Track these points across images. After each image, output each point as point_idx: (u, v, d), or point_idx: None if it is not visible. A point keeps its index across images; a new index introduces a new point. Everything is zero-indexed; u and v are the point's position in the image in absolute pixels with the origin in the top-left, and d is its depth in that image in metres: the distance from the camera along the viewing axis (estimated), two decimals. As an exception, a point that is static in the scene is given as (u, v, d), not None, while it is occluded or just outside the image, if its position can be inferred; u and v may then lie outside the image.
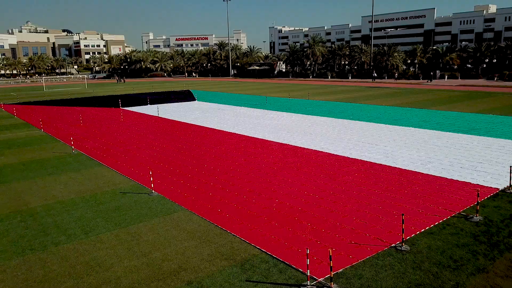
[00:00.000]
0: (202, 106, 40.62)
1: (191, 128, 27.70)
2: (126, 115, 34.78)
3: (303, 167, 16.84)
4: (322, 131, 24.86)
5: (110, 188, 14.93)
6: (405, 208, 11.99)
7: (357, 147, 20.16)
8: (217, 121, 30.48)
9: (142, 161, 18.67)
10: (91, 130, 27.58)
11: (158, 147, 21.62)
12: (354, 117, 30.34)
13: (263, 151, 20.01)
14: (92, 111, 38.06)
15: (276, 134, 24.47)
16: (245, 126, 27.81)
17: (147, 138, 24.27)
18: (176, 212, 12.34)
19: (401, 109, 34.37)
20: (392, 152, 18.90)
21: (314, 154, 19.07)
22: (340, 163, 17.33)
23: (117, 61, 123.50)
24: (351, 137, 22.69)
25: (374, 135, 23.22)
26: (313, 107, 37.11)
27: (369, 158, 18.01)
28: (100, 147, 21.91)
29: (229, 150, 20.35)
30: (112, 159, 19.23)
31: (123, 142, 23.24)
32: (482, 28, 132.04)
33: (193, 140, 23.33)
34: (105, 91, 64.00)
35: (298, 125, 27.37)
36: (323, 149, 20.05)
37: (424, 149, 19.41)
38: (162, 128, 27.65)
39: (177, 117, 32.97)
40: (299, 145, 21.18)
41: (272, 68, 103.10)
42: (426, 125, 26.02)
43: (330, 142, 21.64)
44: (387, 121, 27.84)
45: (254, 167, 17.04)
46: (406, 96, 45.45)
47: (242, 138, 23.59)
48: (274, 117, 31.73)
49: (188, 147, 21.43)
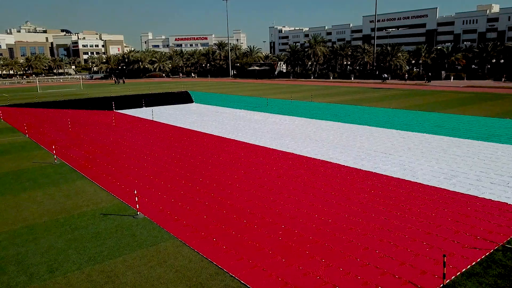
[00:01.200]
0: (200, 109, 38.65)
1: (186, 133, 25.73)
2: (119, 119, 32.82)
3: (311, 181, 14.89)
4: (328, 138, 22.89)
5: (90, 207, 12.97)
6: (437, 238, 10.03)
7: (369, 157, 18.20)
8: (215, 125, 28.52)
9: (131, 173, 16.71)
10: (79, 136, 25.61)
11: (149, 156, 19.66)
12: (362, 121, 28.39)
13: (265, 161, 18.05)
14: (84, 114, 36.09)
15: (279, 141, 22.51)
16: (245, 131, 25.86)
17: (138, 145, 22.31)
18: (163, 241, 10.39)
19: (411, 112, 32.40)
20: (409, 163, 16.94)
21: (322, 165, 17.12)
22: (353, 176, 15.37)
23: (115, 61, 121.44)
24: (362, 145, 20.72)
25: (386, 142, 21.26)
26: (317, 110, 35.16)
27: (385, 170, 16.06)
28: (86, 156, 19.95)
29: (228, 160, 18.39)
30: (97, 170, 17.27)
31: (112, 150, 21.28)
32: (485, 28, 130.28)
33: (188, 148, 21.36)
34: (101, 92, 62.02)
35: (302, 131, 25.41)
36: (332, 159, 18.09)
37: (444, 159, 17.46)
38: (156, 134, 25.69)
39: (172, 121, 30.99)
40: (304, 154, 19.22)
41: (273, 68, 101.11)
42: (441, 130, 24.07)
43: (339, 150, 19.68)
44: (398, 126, 25.88)
45: (256, 181, 15.08)
46: (413, 98, 43.49)
47: (242, 145, 21.64)
48: (276, 121, 29.77)
49: (182, 156, 19.46)
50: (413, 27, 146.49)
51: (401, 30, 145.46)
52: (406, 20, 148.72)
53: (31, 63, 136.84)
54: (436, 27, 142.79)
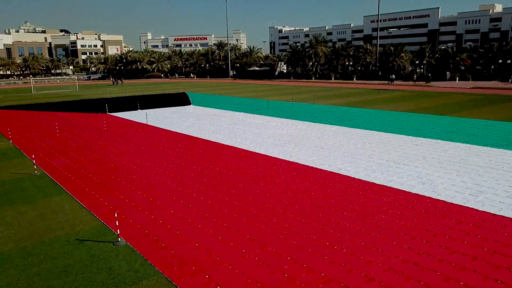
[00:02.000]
0: (197, 112, 36.91)
1: (182, 139, 23.99)
2: (111, 123, 31.08)
3: (319, 198, 13.15)
4: (335, 145, 21.14)
5: (65, 231, 11.23)
6: (475, 277, 8.29)
7: (382, 168, 16.46)
8: (212, 130, 26.78)
9: (117, 186, 14.97)
10: (66, 142, 23.87)
11: (139, 166, 17.92)
12: (369, 125, 26.65)
13: (266, 172, 16.31)
14: (75, 117, 34.34)
15: (281, 148, 20.77)
16: (244, 137, 24.12)
17: (128, 153, 20.57)
18: (146, 278, 8.65)
19: (420, 116, 30.65)
20: (427, 176, 15.19)
21: (330, 178, 15.37)
22: (366, 192, 13.63)
23: (113, 62, 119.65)
24: (372, 153, 18.98)
25: (398, 150, 19.51)
26: (320, 113, 33.41)
27: (401, 184, 14.31)
28: (70, 166, 18.21)
29: (225, 171, 16.65)
30: (80, 183, 15.53)
31: (100, 159, 19.54)
32: (488, 28, 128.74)
33: (182, 156, 19.61)
34: (97, 93, 60.29)
35: (306, 136, 23.67)
36: (341, 170, 16.34)
37: (465, 171, 15.71)
38: (149, 140, 23.95)
39: (167, 125, 29.25)
40: (310, 163, 17.47)
41: (273, 68, 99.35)
42: (456, 136, 22.33)
43: (348, 160, 17.92)
44: (409, 131, 24.13)
45: (257, 198, 13.34)
46: (420, 100, 41.76)
47: (241, 153, 19.89)
48: (278, 125, 28.03)
49: (175, 166, 17.72)
50: (414, 27, 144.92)
51: (403, 30, 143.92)
52: (408, 20, 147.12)
53: (28, 63, 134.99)
54: (438, 27, 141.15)
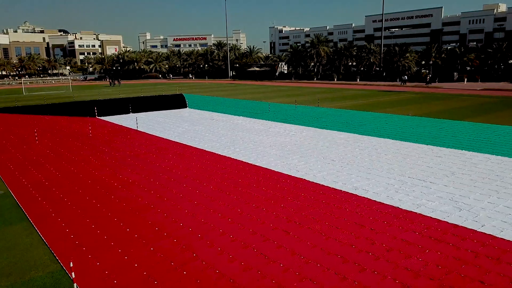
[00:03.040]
0: (193, 116, 34.38)
1: (173, 148, 21.47)
2: (98, 128, 28.56)
3: (333, 229, 10.63)
4: (346, 155, 18.61)
5: (11, 279, 8.71)
6: None
7: (406, 187, 13.93)
8: (208, 137, 24.26)
9: (90, 211, 12.45)
10: (44, 151, 21.35)
11: (121, 182, 15.39)
12: (382, 132, 24.14)
13: (269, 193, 13.78)
14: (61, 122, 31.81)
15: (285, 160, 18.24)
16: (243, 145, 21.60)
17: (112, 165, 18.05)
18: None
19: (435, 121, 28.12)
20: (462, 199, 12.66)
21: (345, 200, 12.85)
22: (392, 222, 11.10)
23: (110, 62, 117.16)
24: (390, 167, 16.45)
25: (420, 163, 16.98)
26: (326, 118, 30.90)
27: (433, 210, 11.79)
28: (41, 182, 15.69)
29: (220, 190, 14.12)
30: (47, 207, 13.01)
31: (78, 172, 17.02)
32: (492, 28, 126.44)
33: (172, 169, 17.09)
34: (90, 95, 57.79)
35: (312, 145, 21.15)
36: (357, 189, 13.81)
37: (507, 192, 13.18)
38: (137, 149, 21.43)
39: (159, 131, 26.74)
40: (320, 181, 14.94)
41: (273, 69, 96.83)
42: (482, 146, 19.80)
43: (364, 176, 15.39)
44: (427, 140, 21.61)
45: (257, 230, 10.81)
46: (430, 103, 39.26)
47: (239, 166, 17.37)
48: (280, 131, 25.53)
49: (162, 183, 15.19)
50: (417, 27, 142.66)
51: (405, 30, 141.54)
52: (410, 20, 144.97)
53: (24, 63, 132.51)
54: (441, 27, 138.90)
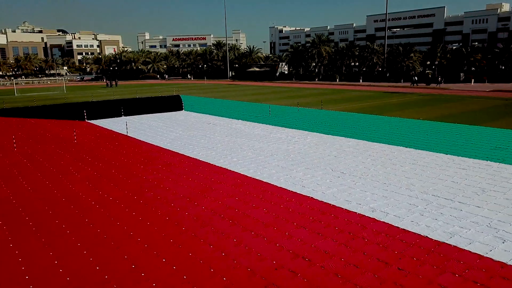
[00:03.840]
0: (189, 119, 32.21)
1: (164, 157, 19.30)
2: (85, 133, 26.41)
3: (351, 269, 8.46)
4: (357, 167, 16.45)
5: None
6: None
7: (432, 209, 11.74)
8: (203, 144, 22.10)
9: (57, 241, 10.29)
10: (21, 160, 19.19)
11: (99, 200, 13.23)
12: (394, 139, 21.97)
13: (272, 214, 11.62)
14: (47, 126, 29.66)
15: (288, 172, 16.07)
16: (242, 154, 19.44)
17: (92, 178, 15.89)
18: None
19: (450, 126, 25.95)
20: (504, 226, 10.41)
21: (363, 226, 10.68)
22: (421, 257, 8.91)
23: (107, 62, 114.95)
24: (411, 184, 14.26)
25: (443, 178, 14.79)
26: (331, 122, 28.75)
27: (470, 241, 9.58)
28: (8, 200, 13.52)
29: (213, 212, 11.96)
30: (6, 235, 10.85)
31: (52, 187, 14.86)
32: (496, 28, 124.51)
33: (159, 184, 14.92)
34: (84, 96, 55.63)
35: (318, 154, 18.98)
36: (374, 211, 11.64)
37: (555, 216, 11.04)
38: (123, 158, 19.27)
39: (151, 137, 24.59)
40: (330, 199, 12.77)
41: (274, 69, 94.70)
42: (508, 156, 17.61)
43: (381, 194, 13.21)
44: (446, 148, 19.42)
45: (257, 267, 8.65)
46: (440, 106, 37.13)
47: (237, 180, 15.20)
48: (282, 137, 23.38)
49: (146, 202, 13.01)
50: (419, 26, 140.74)
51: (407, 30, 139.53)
52: (412, 20, 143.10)
53: (20, 63, 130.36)
54: (443, 26, 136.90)
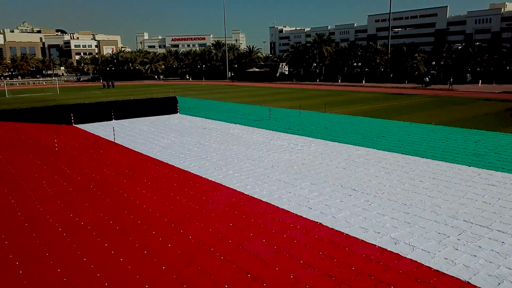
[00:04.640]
0: (183, 123, 30.14)
1: (150, 169, 17.22)
2: (69, 139, 24.34)
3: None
4: (371, 183, 14.37)
5: None
6: None
7: (468, 241, 9.69)
8: (196, 153, 20.02)
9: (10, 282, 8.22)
10: (-10, 172, 17.13)
11: (67, 225, 11.16)
12: (407, 147, 19.89)
13: (273, 248, 9.54)
14: (30, 131, 27.59)
15: (291, 189, 13.99)
16: (239, 165, 17.36)
17: (66, 195, 13.81)
18: None
19: (465, 131, 23.86)
20: (563, 265, 8.44)
21: (386, 266, 8.59)
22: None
23: (104, 62, 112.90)
24: (435, 203, 12.18)
25: (472, 197, 12.71)
26: (337, 127, 26.68)
27: (528, 291, 7.57)
28: (-40, 225, 11.47)
29: (202, 243, 9.88)
30: None
31: (20, 206, 12.79)
32: (500, 27, 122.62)
33: (142, 204, 12.84)
34: (76, 97, 53.60)
35: (325, 165, 16.91)
36: (398, 243, 9.55)
37: None
38: (106, 169, 17.20)
39: (140, 144, 22.51)
40: (342, 227, 10.67)
41: (274, 70, 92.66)
42: (540, 168, 15.59)
43: (402, 218, 11.13)
44: (466, 159, 17.33)
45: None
46: (450, 109, 35.07)
47: (232, 198, 13.12)
48: (284, 144, 21.31)
49: (123, 229, 10.94)
50: (421, 26, 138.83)
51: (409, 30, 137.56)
52: (414, 19, 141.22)
53: (17, 63, 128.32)
54: (446, 26, 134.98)
